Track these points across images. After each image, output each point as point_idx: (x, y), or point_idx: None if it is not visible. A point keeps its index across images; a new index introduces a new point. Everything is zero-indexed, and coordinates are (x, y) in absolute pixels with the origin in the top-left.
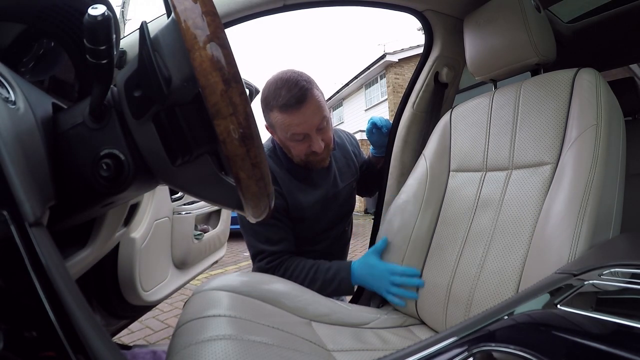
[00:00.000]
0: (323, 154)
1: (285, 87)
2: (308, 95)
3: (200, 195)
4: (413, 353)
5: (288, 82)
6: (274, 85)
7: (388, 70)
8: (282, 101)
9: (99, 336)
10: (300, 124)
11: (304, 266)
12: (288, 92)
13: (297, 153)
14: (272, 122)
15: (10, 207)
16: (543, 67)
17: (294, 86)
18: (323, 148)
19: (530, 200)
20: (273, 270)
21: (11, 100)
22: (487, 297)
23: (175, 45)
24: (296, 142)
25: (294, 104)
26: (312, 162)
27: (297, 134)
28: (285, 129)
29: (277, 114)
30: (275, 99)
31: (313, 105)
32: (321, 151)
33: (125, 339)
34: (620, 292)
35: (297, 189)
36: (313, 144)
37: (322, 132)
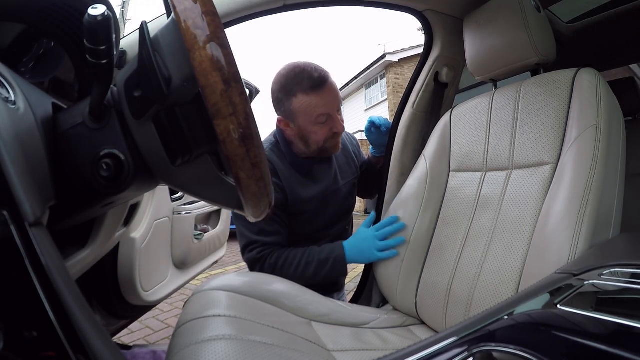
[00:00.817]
0: (339, 137)
1: (307, 72)
2: (328, 78)
3: (200, 195)
4: (413, 353)
5: (307, 68)
6: (292, 72)
7: (388, 70)
8: (308, 84)
9: (99, 336)
10: (326, 104)
11: (297, 252)
12: (310, 76)
13: (318, 139)
14: (295, 109)
15: (10, 207)
16: (543, 67)
17: (314, 71)
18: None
19: (530, 200)
20: (264, 261)
21: (11, 100)
22: (487, 297)
23: (175, 45)
24: (319, 125)
25: (318, 85)
26: (328, 148)
27: (323, 114)
28: (312, 111)
29: (303, 97)
30: (299, 83)
31: (333, 87)
32: (342, 131)
33: (125, 339)
34: (620, 292)
35: (298, 183)
36: (335, 125)
37: (339, 114)
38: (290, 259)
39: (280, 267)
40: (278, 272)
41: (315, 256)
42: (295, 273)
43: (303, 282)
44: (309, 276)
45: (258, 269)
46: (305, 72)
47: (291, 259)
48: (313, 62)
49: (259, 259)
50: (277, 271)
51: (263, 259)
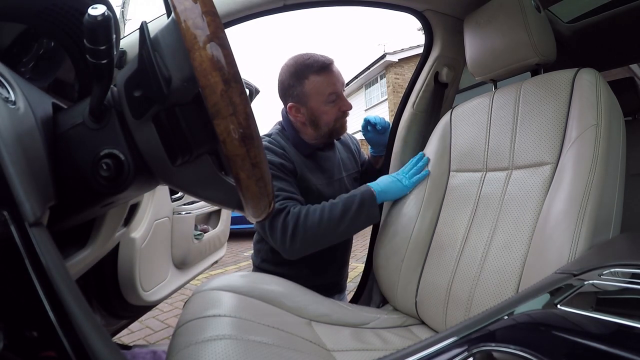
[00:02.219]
0: (346, 117)
1: (314, 57)
2: (333, 61)
3: (200, 195)
4: (413, 353)
5: (313, 55)
6: (300, 59)
7: (388, 70)
8: (317, 66)
9: (99, 336)
10: (335, 82)
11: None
12: (318, 59)
13: (328, 119)
14: (307, 91)
15: (10, 207)
16: (543, 67)
17: (320, 56)
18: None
19: (530, 200)
20: (288, 210)
21: (11, 100)
22: (487, 297)
23: (175, 45)
24: (330, 104)
25: (327, 66)
26: (337, 129)
27: (333, 93)
28: (323, 90)
29: (315, 77)
30: (309, 67)
31: (338, 69)
32: (350, 109)
33: (125, 339)
34: (620, 292)
35: (305, 166)
36: (343, 103)
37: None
38: (314, 207)
39: (305, 215)
40: (302, 220)
41: (340, 200)
42: (321, 219)
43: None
44: (336, 220)
45: (281, 222)
46: (312, 57)
47: (314, 207)
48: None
49: (282, 210)
50: (301, 220)
51: (287, 209)
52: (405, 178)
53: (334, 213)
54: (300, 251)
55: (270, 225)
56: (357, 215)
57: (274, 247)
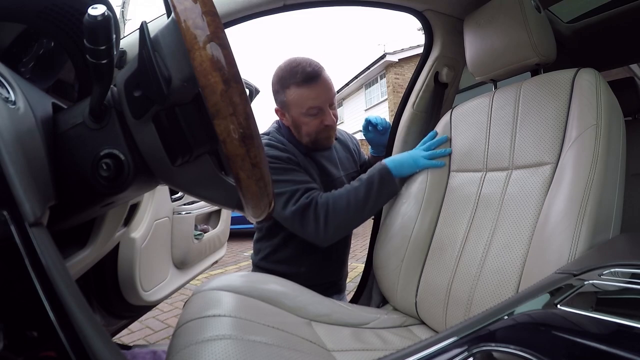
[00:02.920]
0: (332, 130)
1: (301, 66)
2: (322, 73)
3: (200, 195)
4: (413, 353)
5: (302, 63)
6: (289, 66)
7: (388, 70)
8: (300, 77)
9: (99, 336)
10: (316, 97)
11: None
12: (304, 70)
13: (309, 130)
14: (288, 100)
15: (10, 207)
16: (543, 67)
17: (308, 65)
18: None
19: (530, 200)
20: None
21: (11, 100)
22: (487, 297)
23: (175, 45)
24: (310, 117)
25: (310, 78)
26: (320, 140)
27: (313, 107)
28: (302, 103)
29: (295, 90)
30: (293, 76)
31: (326, 81)
32: (333, 125)
33: (125, 339)
34: (620, 292)
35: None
36: (326, 118)
37: (332, 108)
38: (337, 193)
39: (333, 203)
40: (331, 208)
41: (358, 181)
42: (348, 204)
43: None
44: (362, 202)
45: (312, 213)
46: (299, 66)
47: (337, 192)
48: (310, 58)
49: (309, 203)
50: (330, 208)
51: (314, 200)
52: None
53: (359, 196)
54: (334, 237)
55: (302, 219)
56: (379, 193)
57: (308, 239)
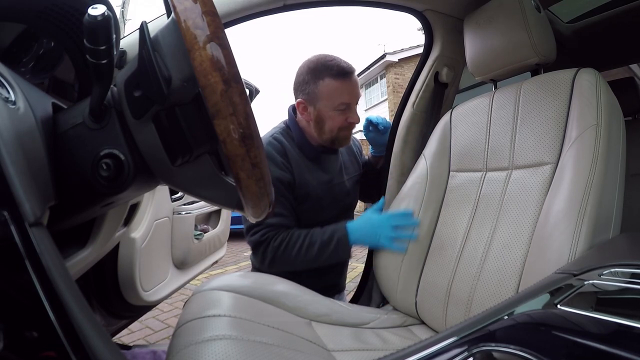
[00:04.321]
0: (351, 129)
1: (336, 61)
2: (354, 71)
3: (200, 195)
4: (413, 353)
5: (337, 58)
6: (323, 59)
7: (388, 70)
8: (337, 71)
9: (99, 336)
10: (349, 92)
11: (300, 234)
12: (339, 64)
13: (332, 126)
14: (319, 91)
15: (10, 207)
16: (543, 67)
17: (343, 62)
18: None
19: (530, 200)
20: (267, 243)
21: (11, 100)
22: (487, 297)
23: (175, 45)
24: (338, 112)
25: (345, 74)
26: (339, 137)
27: (344, 102)
28: (335, 96)
29: (330, 81)
30: (329, 69)
31: (356, 80)
32: (357, 122)
33: (125, 339)
34: (620, 292)
35: (306, 168)
36: (352, 115)
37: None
38: (293, 240)
39: (283, 249)
40: (280, 254)
41: (317, 237)
42: (297, 255)
43: (306, 265)
44: (312, 258)
45: (261, 252)
46: (335, 61)
47: (294, 240)
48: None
49: (262, 242)
50: (279, 254)
51: (267, 242)
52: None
53: (310, 253)
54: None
55: (253, 250)
56: (330, 257)
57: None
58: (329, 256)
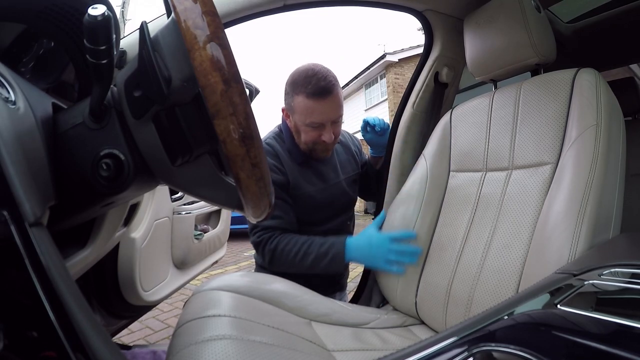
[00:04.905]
0: (329, 145)
1: (316, 78)
2: (334, 90)
3: (200, 195)
4: (413, 353)
5: (318, 74)
6: (304, 73)
7: (388, 70)
8: (311, 89)
9: (99, 336)
10: (320, 113)
11: (297, 240)
12: (317, 82)
13: (306, 139)
14: (294, 106)
15: (10, 207)
16: (543, 67)
17: (323, 79)
18: (332, 140)
19: (530, 200)
20: (264, 245)
21: (11, 100)
22: (487, 297)
23: (175, 45)
24: (310, 128)
25: (320, 94)
26: (316, 150)
27: (315, 122)
28: (306, 115)
29: (303, 99)
30: (305, 85)
31: (335, 100)
32: (330, 142)
33: (125, 339)
34: (620, 292)
35: (298, 172)
36: (324, 134)
37: (335, 125)
38: (290, 246)
39: (279, 253)
40: (277, 258)
41: (315, 248)
42: (293, 261)
43: (301, 271)
44: (307, 267)
45: (260, 253)
46: (315, 77)
47: (291, 246)
48: (329, 71)
49: (259, 243)
50: (276, 257)
51: (262, 243)
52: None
53: (304, 262)
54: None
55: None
56: (324, 267)
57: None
58: (323, 268)
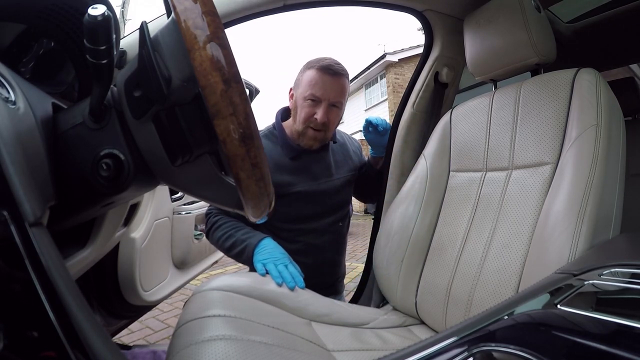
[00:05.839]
0: (319, 133)
1: (331, 60)
2: (342, 75)
3: (200, 195)
4: (413, 353)
5: (333, 60)
6: (322, 58)
7: (388, 70)
8: (322, 65)
9: (99, 336)
10: (322, 88)
11: (232, 224)
12: (330, 63)
13: (301, 117)
14: (301, 80)
15: (10, 207)
16: (543, 67)
17: (336, 63)
18: (324, 122)
19: (530, 200)
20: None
21: (11, 100)
22: (487, 297)
23: (175, 45)
24: (308, 102)
25: (329, 71)
26: (306, 135)
27: (313, 94)
28: (309, 86)
29: (311, 72)
30: (318, 62)
31: (340, 83)
32: (321, 124)
33: (125, 339)
34: (620, 292)
35: (287, 167)
36: (319, 112)
37: (332, 110)
38: (223, 225)
39: (214, 228)
40: (212, 232)
41: (238, 234)
42: (219, 240)
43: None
44: (226, 249)
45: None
46: (330, 60)
47: (223, 226)
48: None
49: (207, 214)
50: (211, 230)
51: (209, 215)
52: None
53: (225, 244)
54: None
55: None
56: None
57: None
58: (235, 256)
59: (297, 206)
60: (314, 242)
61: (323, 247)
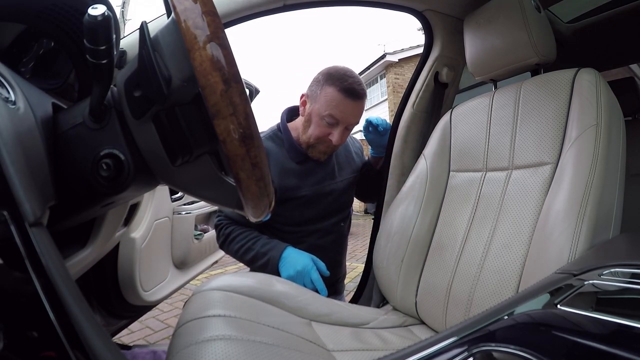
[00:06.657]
0: (329, 148)
1: (354, 79)
2: (363, 99)
3: (200, 195)
4: (413, 353)
5: (356, 79)
6: (343, 71)
7: (388, 70)
8: (346, 86)
9: (99, 336)
10: (342, 111)
11: (247, 235)
12: (353, 83)
13: (313, 132)
14: (320, 94)
15: (10, 207)
16: (543, 67)
17: (359, 84)
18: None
19: (530, 200)
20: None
21: (11, 100)
22: (487, 297)
23: (175, 45)
24: (325, 122)
25: (351, 94)
26: (315, 147)
27: (332, 116)
28: (329, 106)
29: (333, 91)
30: (341, 80)
31: (359, 107)
32: (335, 144)
33: (125, 339)
34: (620, 292)
35: (292, 171)
36: (334, 135)
37: (345, 132)
38: (239, 237)
39: (230, 240)
40: (227, 243)
41: (257, 246)
42: (237, 252)
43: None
44: (246, 261)
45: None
46: (353, 78)
47: (239, 237)
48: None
49: (218, 225)
50: (227, 242)
51: (221, 226)
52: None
53: (245, 256)
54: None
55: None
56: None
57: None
58: (259, 268)
59: (302, 209)
60: (318, 243)
61: (326, 247)
